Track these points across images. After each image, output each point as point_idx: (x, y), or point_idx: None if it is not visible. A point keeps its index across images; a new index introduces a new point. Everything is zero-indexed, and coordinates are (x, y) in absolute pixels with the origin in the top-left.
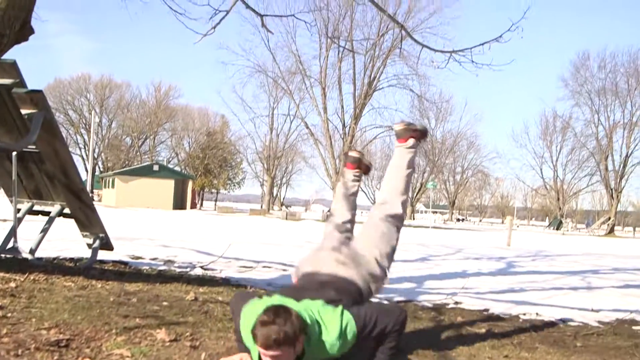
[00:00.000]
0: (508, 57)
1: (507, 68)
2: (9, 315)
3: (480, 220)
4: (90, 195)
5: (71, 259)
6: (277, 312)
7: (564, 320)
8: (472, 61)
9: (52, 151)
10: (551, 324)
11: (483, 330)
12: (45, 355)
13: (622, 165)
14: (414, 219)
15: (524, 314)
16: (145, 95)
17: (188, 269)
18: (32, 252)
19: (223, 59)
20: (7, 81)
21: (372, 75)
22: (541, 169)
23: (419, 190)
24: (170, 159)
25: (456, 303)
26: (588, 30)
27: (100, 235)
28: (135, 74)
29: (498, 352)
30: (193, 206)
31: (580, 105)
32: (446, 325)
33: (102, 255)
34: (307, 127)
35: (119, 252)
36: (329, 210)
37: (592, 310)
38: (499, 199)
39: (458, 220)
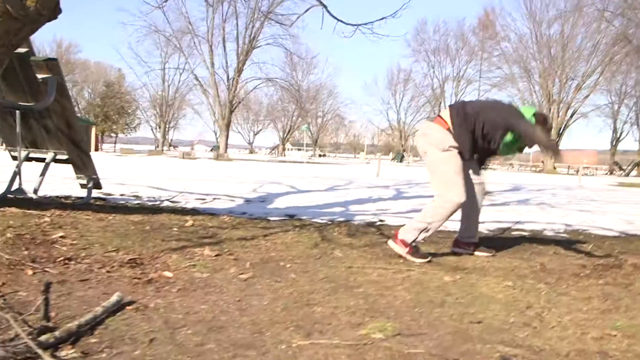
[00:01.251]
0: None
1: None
2: (74, 242)
3: (336, 156)
4: None
5: (66, 197)
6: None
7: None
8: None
9: (60, 107)
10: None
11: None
12: (129, 271)
13: None
14: (284, 155)
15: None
16: (49, 52)
17: (158, 203)
18: (35, 192)
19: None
20: (21, 50)
21: (252, 35)
22: (387, 113)
23: (289, 131)
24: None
25: (381, 221)
26: (427, 1)
27: (93, 176)
28: (39, 34)
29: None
30: (97, 149)
31: (420, 62)
32: (385, 235)
33: (78, 193)
34: (197, 79)
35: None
36: (211, 149)
37: None
38: (352, 138)
39: (320, 156)
